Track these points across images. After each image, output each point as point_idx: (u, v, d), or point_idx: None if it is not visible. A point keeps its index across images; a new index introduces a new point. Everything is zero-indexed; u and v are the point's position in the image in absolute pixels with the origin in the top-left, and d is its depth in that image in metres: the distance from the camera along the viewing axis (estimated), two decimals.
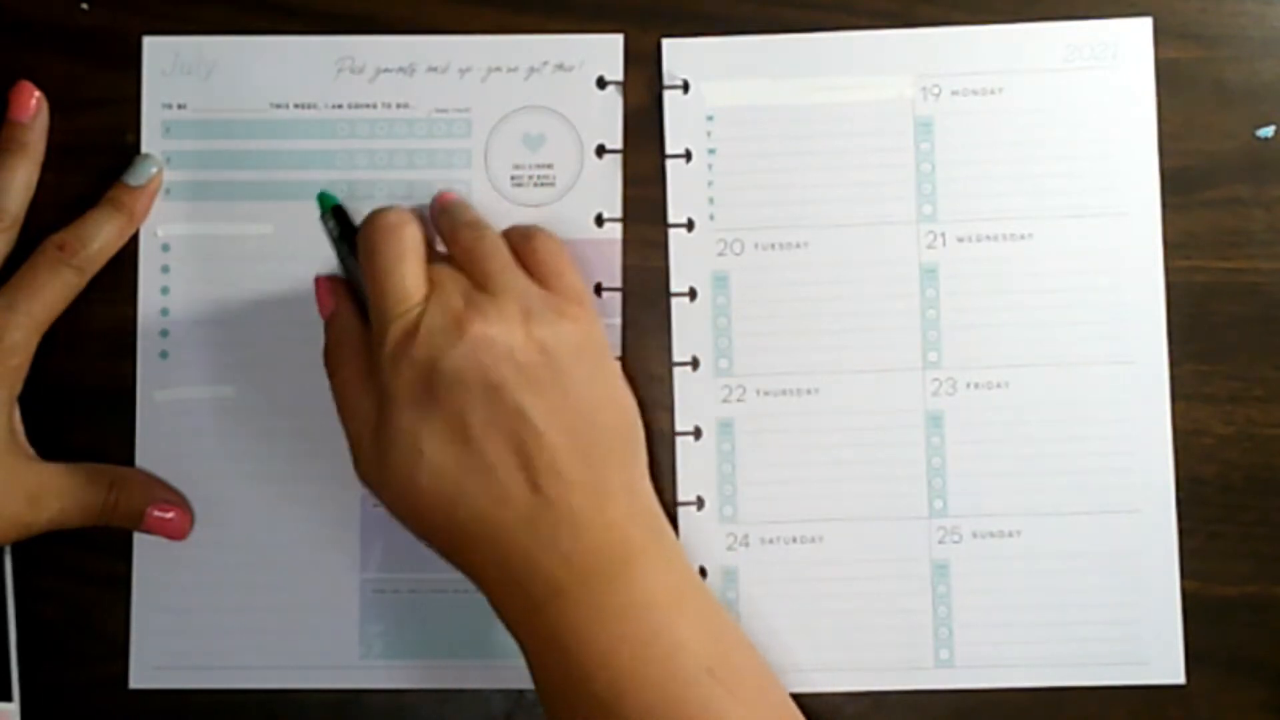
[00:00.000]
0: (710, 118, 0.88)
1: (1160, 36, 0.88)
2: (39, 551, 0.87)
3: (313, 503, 0.87)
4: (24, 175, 0.86)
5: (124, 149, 0.88)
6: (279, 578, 0.87)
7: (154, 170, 0.87)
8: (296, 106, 0.88)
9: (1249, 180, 0.87)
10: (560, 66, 0.88)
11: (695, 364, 0.87)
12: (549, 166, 0.88)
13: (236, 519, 0.87)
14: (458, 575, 0.80)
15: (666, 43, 0.88)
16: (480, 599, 0.79)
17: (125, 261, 0.87)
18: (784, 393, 0.87)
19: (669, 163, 0.88)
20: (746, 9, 0.88)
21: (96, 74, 0.88)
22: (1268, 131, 0.87)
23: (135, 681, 0.87)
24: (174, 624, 0.87)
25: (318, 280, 0.85)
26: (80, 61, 0.88)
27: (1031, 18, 0.87)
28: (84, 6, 0.88)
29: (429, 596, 0.87)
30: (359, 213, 0.86)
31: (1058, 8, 0.88)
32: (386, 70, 0.88)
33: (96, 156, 0.88)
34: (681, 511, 0.87)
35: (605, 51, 0.88)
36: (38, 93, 0.87)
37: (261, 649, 0.87)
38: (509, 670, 0.86)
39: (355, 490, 0.86)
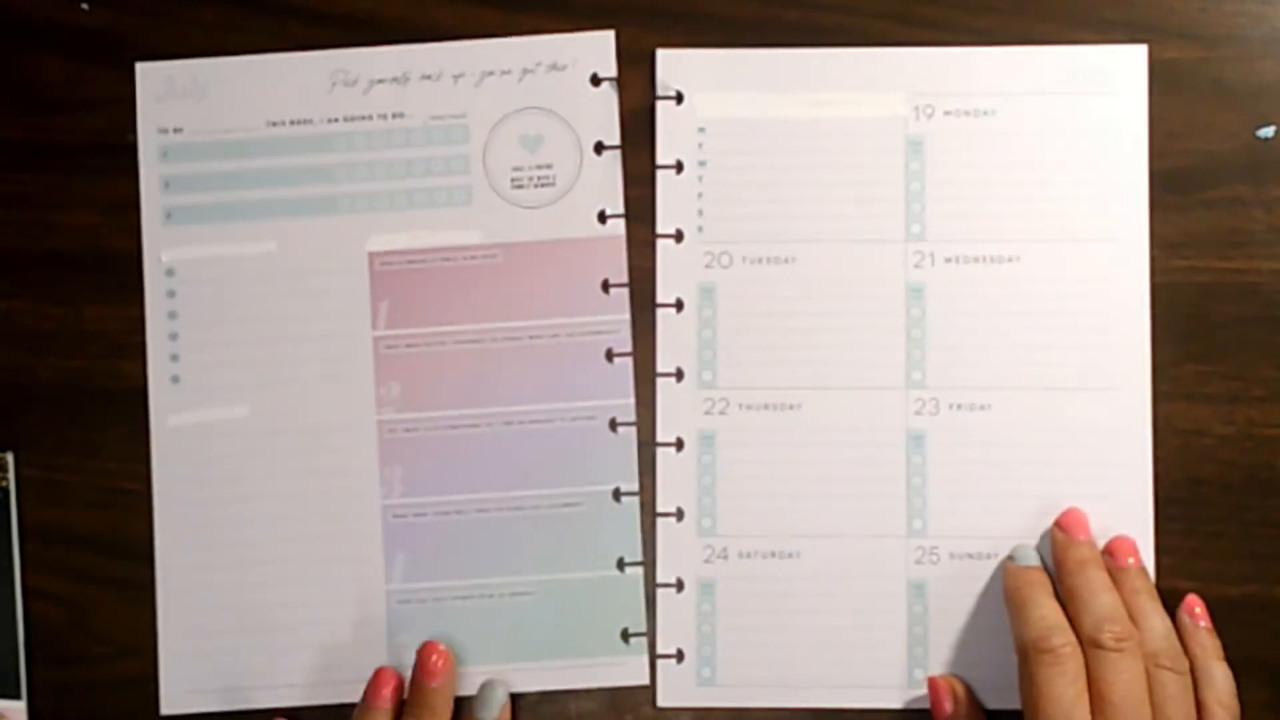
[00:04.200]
0: (702, 129, 0.88)
1: (1160, 37, 0.87)
2: (47, 553, 0.88)
3: (334, 518, 0.88)
4: None
5: (124, 149, 0.89)
6: (304, 595, 0.88)
7: (500, 698, 0.87)
8: (292, 123, 0.89)
9: (1249, 180, 0.87)
10: (554, 66, 0.88)
11: (679, 375, 0.87)
12: (549, 166, 0.88)
13: (258, 540, 0.88)
14: (481, 581, 0.81)
15: (661, 53, 0.88)
16: (504, 603, 0.81)
17: (133, 262, 0.88)
18: (767, 407, 0.87)
19: (660, 173, 0.88)
20: (745, 9, 0.88)
21: (96, 74, 0.89)
22: (1268, 131, 0.87)
23: (166, 708, 0.88)
24: (201, 647, 0.88)
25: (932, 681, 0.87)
26: (80, 61, 0.89)
27: (1029, 39, 0.87)
28: (84, 6, 0.89)
29: (454, 604, 0.88)
30: None
31: (1053, 23, 0.87)
32: (380, 81, 0.88)
33: (96, 156, 0.89)
34: (660, 523, 0.87)
35: (597, 49, 0.88)
36: (443, 647, 0.86)
37: (291, 667, 0.88)
38: (530, 673, 0.87)
39: (375, 502, 0.88)
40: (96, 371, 0.88)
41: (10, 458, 0.88)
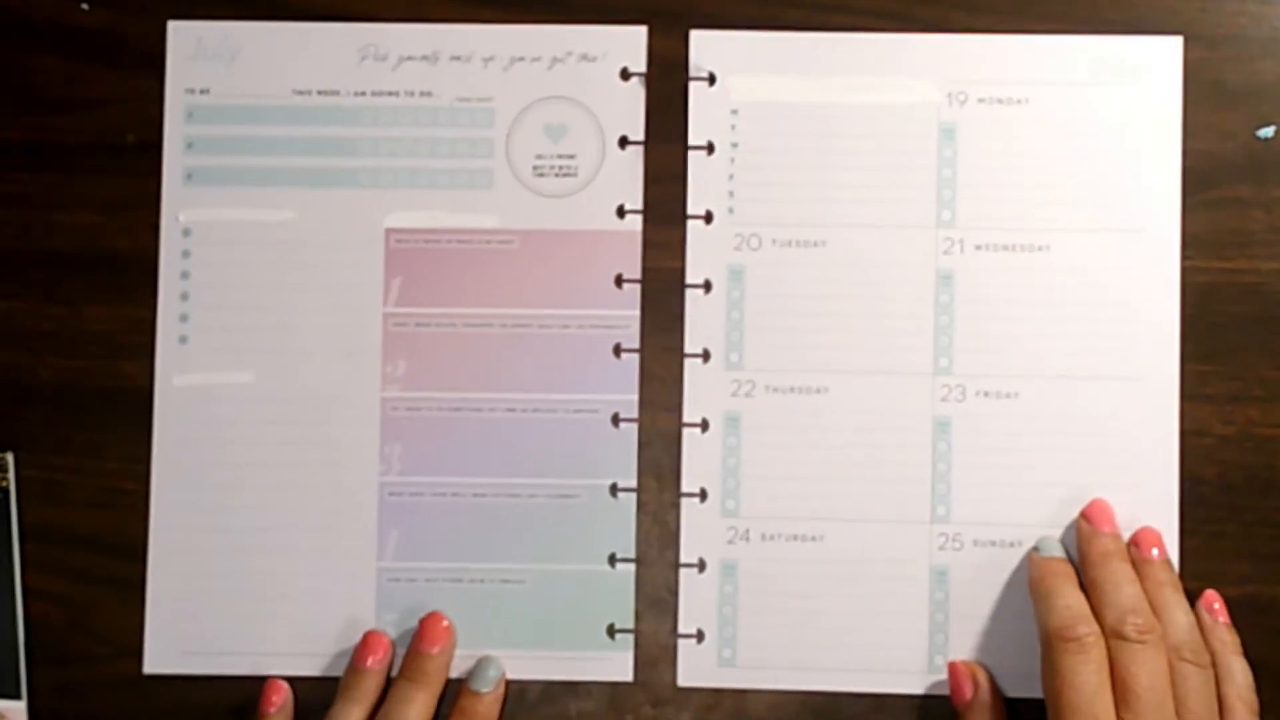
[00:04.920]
0: (735, 111, 0.88)
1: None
2: (47, 553, 0.88)
3: (330, 491, 0.88)
4: (420, 707, 0.85)
5: (124, 149, 0.88)
6: (296, 565, 0.88)
7: (496, 675, 0.87)
8: (319, 93, 0.89)
9: (1249, 180, 0.87)
10: (584, 57, 0.88)
11: (706, 356, 0.87)
12: (571, 157, 0.88)
13: (254, 506, 0.88)
14: (472, 565, 0.82)
15: (694, 34, 0.88)
16: (493, 589, 0.81)
17: (134, 261, 0.88)
18: (793, 390, 0.87)
19: (691, 154, 0.88)
20: (770, 10, 0.88)
21: (96, 74, 0.89)
22: (1268, 131, 0.87)
23: (150, 667, 0.88)
24: (189, 610, 0.88)
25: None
26: (80, 61, 0.89)
27: (1049, 26, 0.88)
28: (84, 6, 0.88)
29: (444, 586, 0.87)
30: None
31: (1052, 22, 0.88)
32: (409, 58, 0.88)
33: (96, 156, 0.88)
34: (684, 503, 0.87)
35: (629, 43, 0.88)
36: (447, 621, 0.87)
37: (276, 636, 0.88)
38: (515, 661, 0.87)
39: (373, 478, 0.87)
40: (96, 371, 0.88)
41: (10, 458, 0.88)
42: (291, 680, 0.87)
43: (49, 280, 0.88)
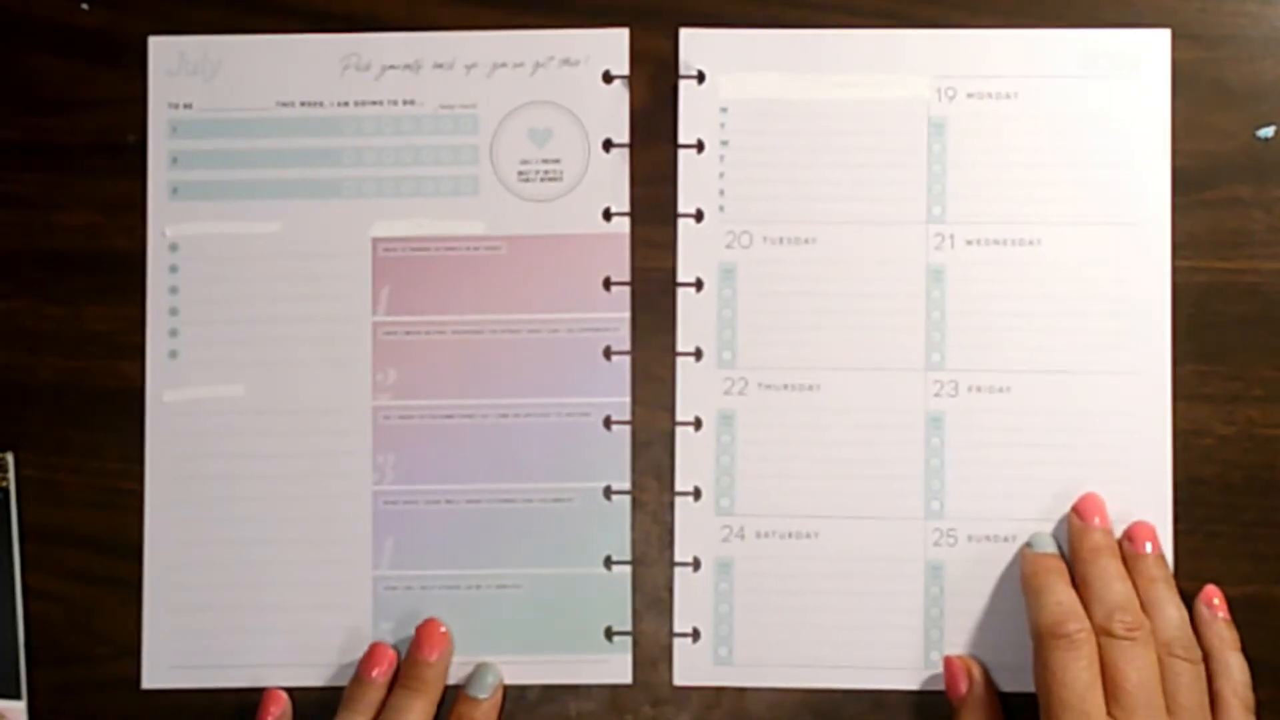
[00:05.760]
0: (724, 109, 0.88)
1: None
2: (47, 553, 0.88)
3: (324, 501, 0.88)
4: (419, 715, 0.85)
5: (124, 149, 0.88)
6: (291, 576, 0.88)
7: (493, 681, 0.87)
8: (303, 104, 0.89)
9: (1249, 180, 0.87)
10: (566, 61, 0.88)
11: (699, 355, 0.87)
12: (556, 161, 0.88)
13: (248, 518, 0.88)
14: (468, 571, 0.82)
15: (684, 32, 0.88)
16: (489, 595, 0.80)
17: (133, 262, 0.88)
18: (786, 387, 0.87)
19: (681, 153, 0.88)
20: (750, 9, 0.88)
21: (96, 74, 0.89)
22: (1268, 131, 0.87)
23: (148, 682, 0.88)
24: (186, 624, 0.88)
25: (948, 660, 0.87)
26: (80, 61, 0.89)
27: (1046, 24, 0.87)
28: (84, 6, 0.89)
29: (440, 593, 0.87)
30: None
31: (1050, 22, 0.88)
32: (392, 67, 0.88)
33: (96, 156, 0.88)
34: (678, 501, 0.87)
35: (611, 46, 0.88)
36: (444, 628, 0.87)
37: (274, 648, 0.88)
38: (513, 666, 0.87)
39: (366, 487, 0.87)
40: (96, 371, 0.88)
41: (10, 458, 0.88)
42: (289, 690, 0.87)
43: (49, 280, 0.88)
